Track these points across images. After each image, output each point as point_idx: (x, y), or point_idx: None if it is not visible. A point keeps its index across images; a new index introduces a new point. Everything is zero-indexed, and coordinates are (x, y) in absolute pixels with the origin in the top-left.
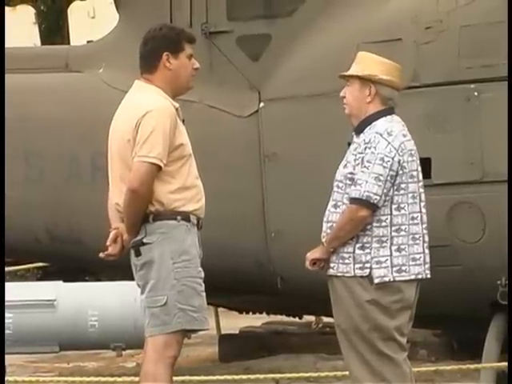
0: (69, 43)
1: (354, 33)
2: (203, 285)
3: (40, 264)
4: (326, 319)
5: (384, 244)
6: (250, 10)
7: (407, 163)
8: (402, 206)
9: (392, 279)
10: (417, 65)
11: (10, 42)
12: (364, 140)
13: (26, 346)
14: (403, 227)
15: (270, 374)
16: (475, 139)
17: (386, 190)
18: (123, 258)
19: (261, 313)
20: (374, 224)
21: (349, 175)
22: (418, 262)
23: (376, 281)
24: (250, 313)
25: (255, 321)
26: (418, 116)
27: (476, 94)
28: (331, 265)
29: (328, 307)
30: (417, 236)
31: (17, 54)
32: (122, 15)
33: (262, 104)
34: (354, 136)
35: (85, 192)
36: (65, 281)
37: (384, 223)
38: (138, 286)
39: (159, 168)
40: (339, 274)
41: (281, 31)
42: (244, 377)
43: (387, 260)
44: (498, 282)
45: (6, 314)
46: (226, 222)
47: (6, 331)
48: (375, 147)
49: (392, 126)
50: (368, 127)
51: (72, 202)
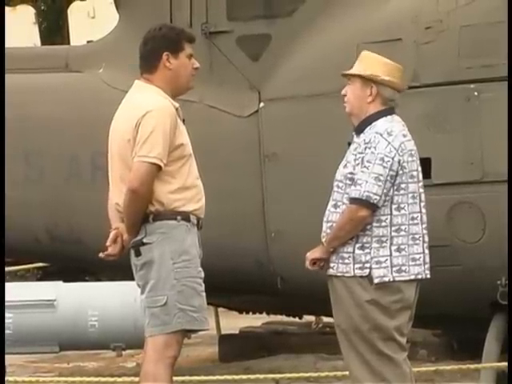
0: (69, 43)
1: (354, 33)
2: (203, 285)
3: (40, 264)
4: (325, 319)
5: (384, 244)
6: (250, 10)
7: (407, 163)
8: (402, 206)
9: (392, 279)
10: (417, 65)
11: (9, 41)
12: (364, 140)
13: (25, 346)
14: (403, 227)
15: (270, 374)
16: (475, 139)
17: (385, 190)
18: (123, 258)
19: (261, 313)
20: (374, 224)
21: (349, 175)
22: (417, 262)
23: (376, 281)
24: (250, 313)
25: (255, 321)
26: (417, 116)
27: (476, 93)
28: (331, 265)
29: (328, 307)
30: (417, 236)
31: (17, 53)
32: (122, 15)
33: (261, 104)
34: (354, 136)
35: (85, 192)
36: (65, 281)
37: (384, 223)
38: (138, 286)
39: (159, 168)
40: (339, 274)
41: (281, 31)
42: (244, 377)
43: (387, 260)
44: (498, 282)
45: (6, 314)
46: (226, 222)
47: (6, 331)
48: (375, 147)
49: (392, 126)
50: (368, 127)
51: (72, 202)
